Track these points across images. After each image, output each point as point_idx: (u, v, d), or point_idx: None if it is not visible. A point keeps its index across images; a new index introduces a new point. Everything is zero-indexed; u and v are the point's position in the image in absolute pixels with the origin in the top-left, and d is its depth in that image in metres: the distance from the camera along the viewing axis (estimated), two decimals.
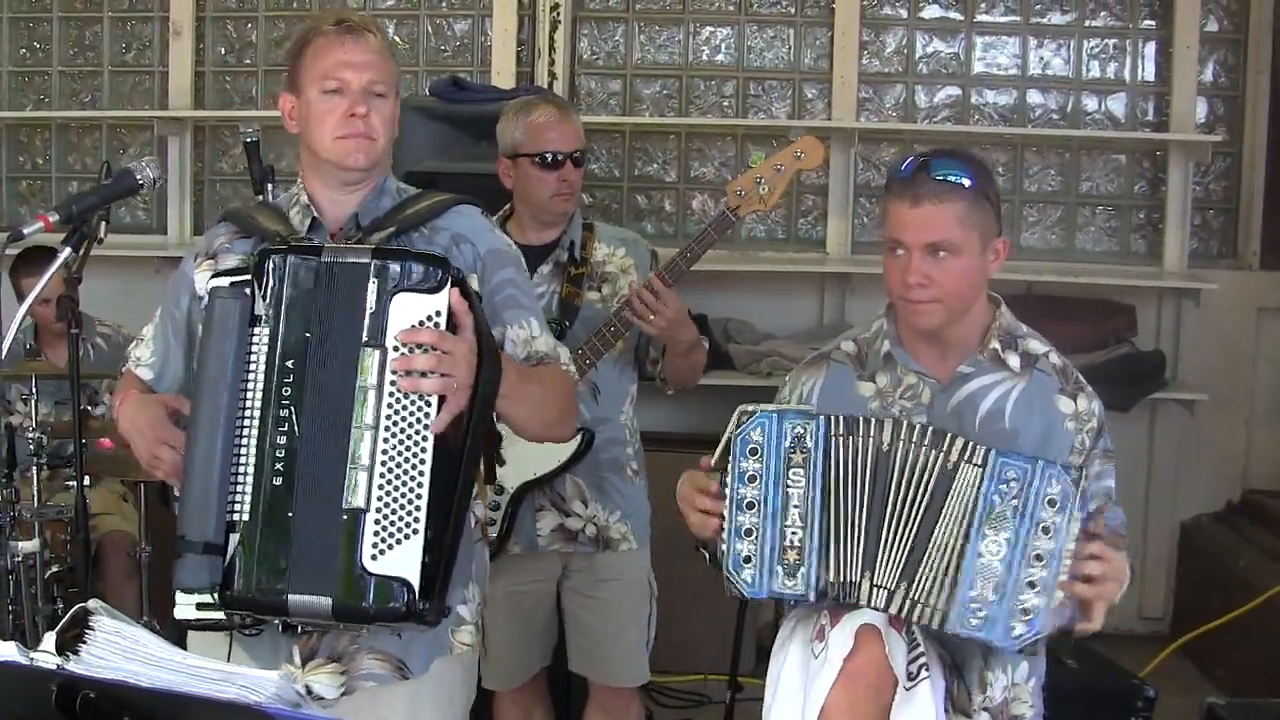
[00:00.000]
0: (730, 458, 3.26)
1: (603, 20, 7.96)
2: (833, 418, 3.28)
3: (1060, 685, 4.79)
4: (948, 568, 3.21)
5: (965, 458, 3.22)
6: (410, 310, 2.99)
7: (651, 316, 4.41)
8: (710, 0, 7.89)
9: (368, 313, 2.99)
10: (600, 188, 7.99)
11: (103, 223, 4.78)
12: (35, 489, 5.53)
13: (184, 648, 3.22)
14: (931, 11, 7.79)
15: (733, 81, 7.91)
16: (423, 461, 2.96)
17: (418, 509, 2.95)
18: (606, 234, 4.81)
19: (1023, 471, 3.19)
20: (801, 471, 3.25)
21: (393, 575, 2.94)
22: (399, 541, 2.94)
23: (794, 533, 3.24)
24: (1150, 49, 7.74)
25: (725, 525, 3.25)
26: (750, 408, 3.29)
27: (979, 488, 3.20)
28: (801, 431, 3.25)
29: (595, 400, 4.66)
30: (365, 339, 2.98)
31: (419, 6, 8.03)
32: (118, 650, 2.51)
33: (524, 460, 4.55)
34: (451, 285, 3.01)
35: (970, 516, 3.20)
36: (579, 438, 4.54)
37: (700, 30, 7.92)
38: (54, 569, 5.73)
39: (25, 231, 3.41)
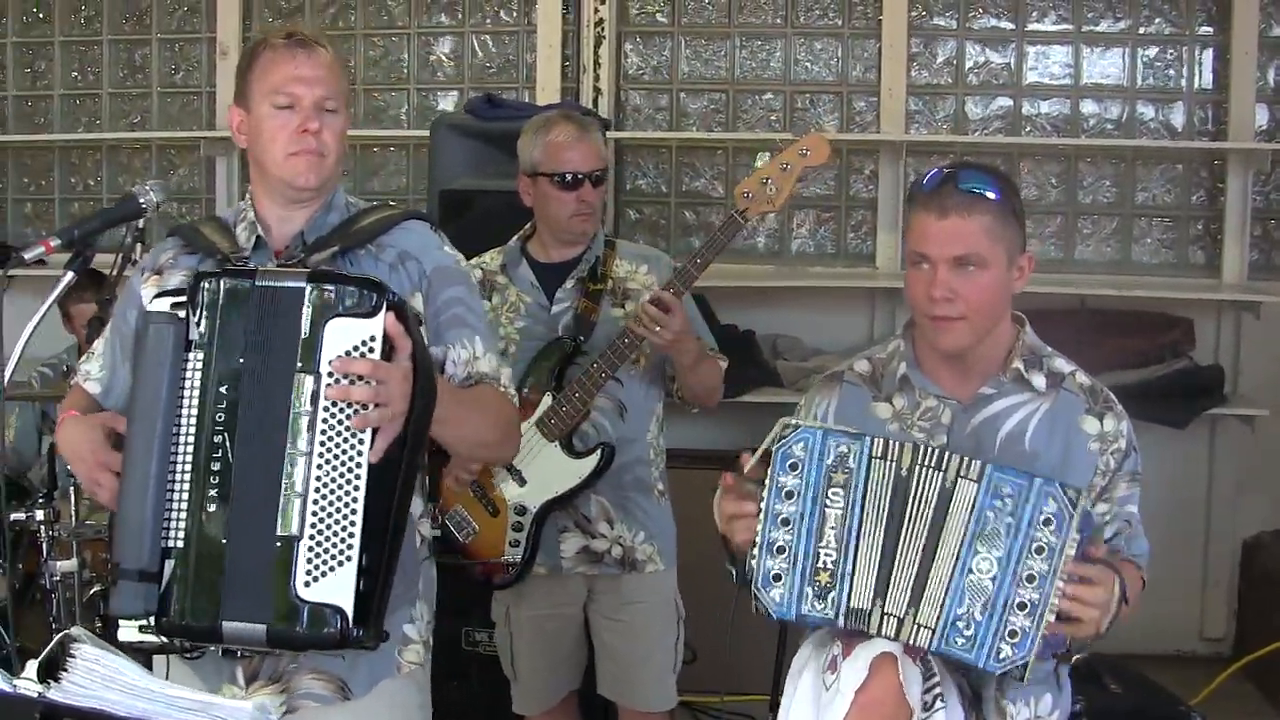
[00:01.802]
0: (769, 471, 3.17)
1: (648, 35, 7.90)
2: (878, 440, 3.17)
3: (1103, 711, 4.70)
4: (937, 582, 3.11)
5: (961, 473, 3.12)
6: (345, 335, 2.93)
7: (657, 329, 4.34)
8: (756, 13, 7.81)
9: (301, 338, 2.94)
10: (648, 203, 7.94)
11: (138, 244, 4.76)
12: (73, 508, 5.51)
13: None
14: (981, 21, 7.66)
15: (780, 95, 7.82)
16: (356, 488, 2.92)
17: (351, 535, 2.91)
18: (629, 251, 4.78)
19: (1018, 488, 3.08)
20: (841, 492, 3.14)
21: (326, 602, 2.90)
22: (332, 569, 2.90)
23: (828, 554, 3.14)
24: (1208, 55, 7.59)
25: (758, 540, 3.16)
26: (794, 420, 3.20)
27: (974, 502, 3.09)
28: (845, 451, 3.15)
29: (622, 419, 4.62)
30: (299, 365, 2.93)
31: (464, 24, 8.00)
32: (98, 678, 2.55)
33: (545, 479, 4.54)
34: (387, 309, 2.95)
35: (963, 530, 3.10)
36: (599, 454, 4.53)
37: (747, 43, 7.83)
38: (95, 588, 5.72)
39: (27, 256, 3.40)
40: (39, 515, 5.37)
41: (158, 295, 3.12)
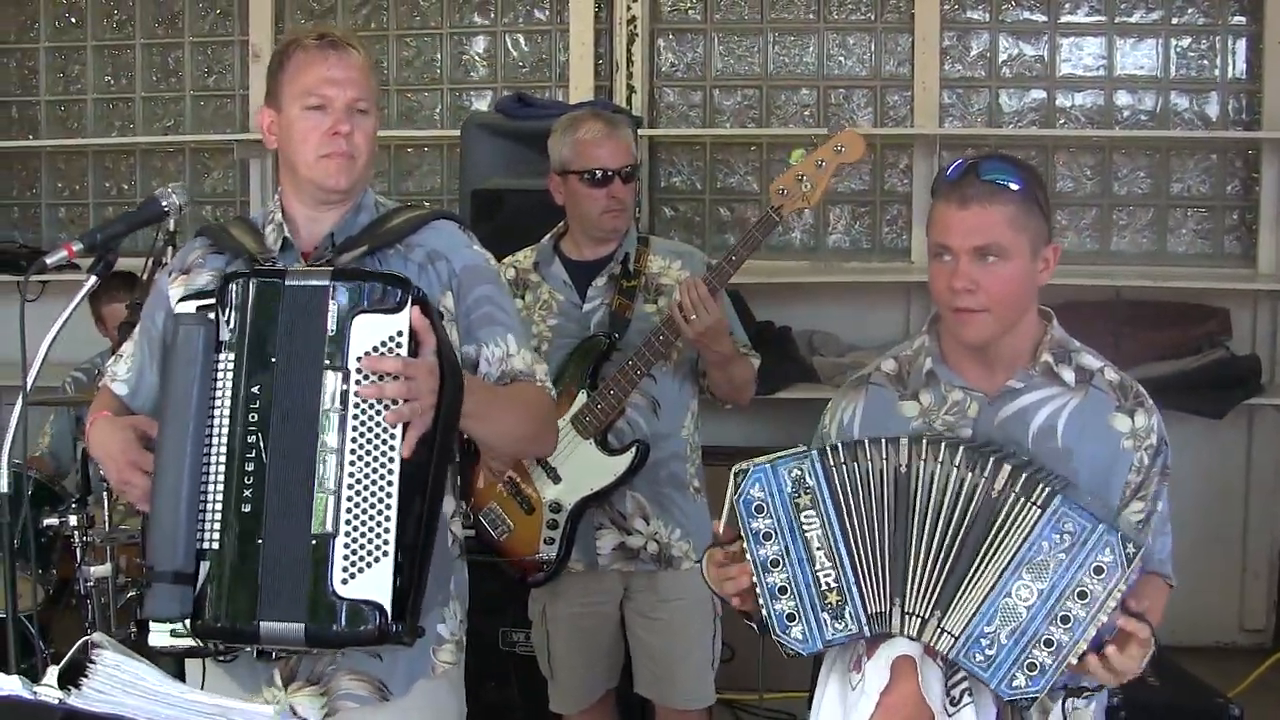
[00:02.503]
0: (739, 522, 3.14)
1: (681, 32, 7.90)
2: (826, 449, 3.14)
3: (1141, 703, 4.68)
4: (975, 592, 3.05)
5: (1022, 491, 3.04)
6: (371, 331, 2.93)
7: (693, 317, 4.32)
8: (789, 8, 7.80)
9: (328, 335, 2.94)
10: (682, 200, 7.95)
11: (169, 248, 4.77)
12: (106, 514, 5.53)
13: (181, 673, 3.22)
14: (1014, 14, 7.65)
15: (813, 90, 7.81)
16: (390, 483, 2.91)
17: (387, 531, 2.90)
18: (662, 247, 4.77)
19: (1081, 528, 2.99)
20: (812, 512, 3.10)
21: (364, 599, 2.89)
22: (369, 564, 2.89)
23: (827, 574, 3.10)
24: (1241, 45, 7.56)
25: (758, 590, 3.12)
26: (743, 465, 3.16)
27: (1032, 528, 3.02)
28: (799, 473, 3.11)
29: (656, 415, 4.61)
30: (327, 362, 2.93)
31: (497, 23, 8.01)
32: (118, 684, 2.54)
33: (579, 476, 4.53)
34: (412, 304, 2.95)
35: (1014, 552, 3.03)
36: (633, 451, 4.52)
37: (780, 39, 7.83)
38: (131, 593, 5.73)
39: (49, 261, 3.41)
40: (73, 521, 5.40)
41: (183, 298, 3.14)
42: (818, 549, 3.10)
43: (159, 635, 3.02)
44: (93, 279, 3.43)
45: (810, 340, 7.46)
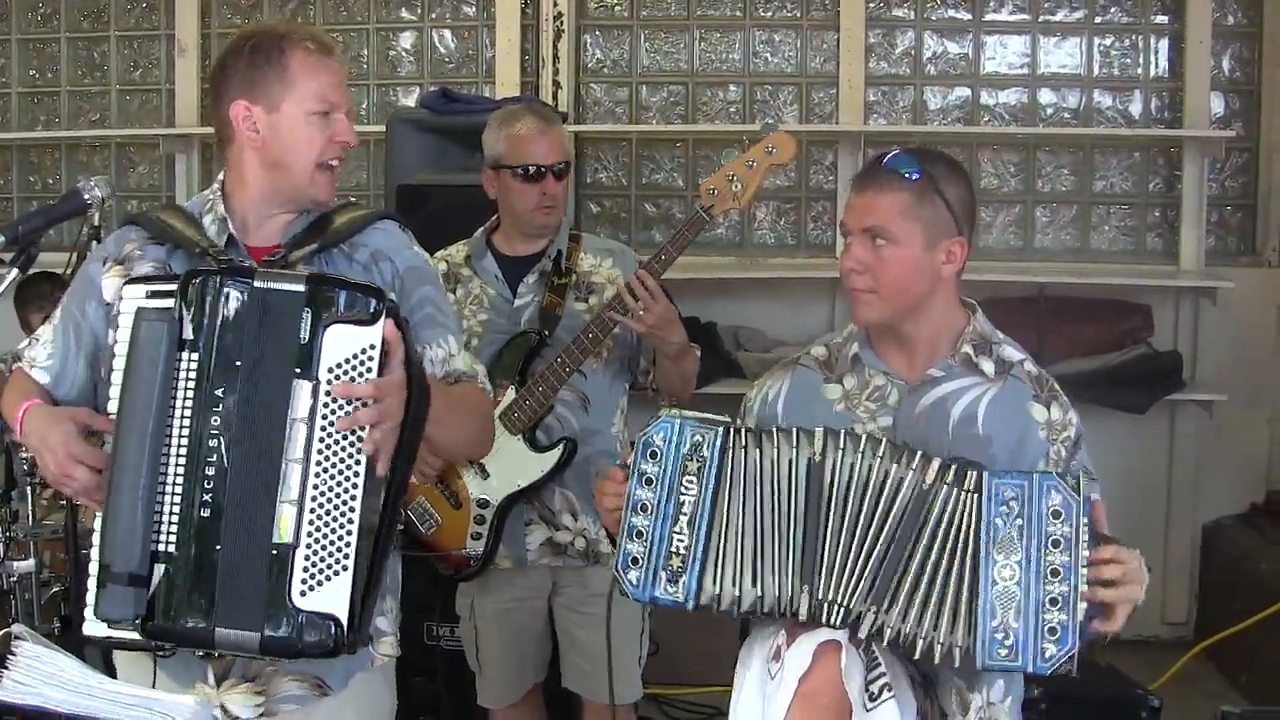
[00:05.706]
0: (632, 459, 3.19)
1: (607, 28, 7.92)
2: (735, 429, 3.17)
3: (1060, 696, 4.71)
4: (957, 600, 3.06)
5: (951, 481, 3.09)
6: (344, 342, 2.89)
7: (641, 312, 4.35)
8: (715, 5, 7.84)
9: (300, 343, 2.89)
10: (608, 196, 7.97)
11: (93, 241, 4.74)
12: (30, 508, 5.49)
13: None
14: (939, 12, 7.72)
15: (740, 87, 7.85)
16: (354, 497, 2.88)
17: (348, 545, 2.87)
18: (593, 245, 4.78)
19: (1019, 489, 3.05)
20: (694, 480, 3.14)
21: (322, 611, 2.86)
22: (329, 578, 2.87)
23: (680, 539, 3.13)
24: (1163, 44, 7.65)
25: (621, 525, 3.17)
26: (665, 412, 3.21)
27: (978, 513, 3.06)
28: (700, 440, 3.14)
29: (586, 411, 4.62)
30: (297, 370, 2.88)
31: (423, 18, 8.01)
32: (39, 676, 2.52)
33: (507, 472, 4.54)
34: (385, 316, 2.92)
35: (975, 544, 3.06)
36: (561, 448, 4.53)
37: (706, 36, 7.87)
38: (56, 588, 5.69)
39: None
40: None
41: (132, 281, 3.07)
42: (683, 515, 3.14)
43: (94, 624, 2.94)
44: (14, 272, 3.40)
45: (735, 335, 7.49)
